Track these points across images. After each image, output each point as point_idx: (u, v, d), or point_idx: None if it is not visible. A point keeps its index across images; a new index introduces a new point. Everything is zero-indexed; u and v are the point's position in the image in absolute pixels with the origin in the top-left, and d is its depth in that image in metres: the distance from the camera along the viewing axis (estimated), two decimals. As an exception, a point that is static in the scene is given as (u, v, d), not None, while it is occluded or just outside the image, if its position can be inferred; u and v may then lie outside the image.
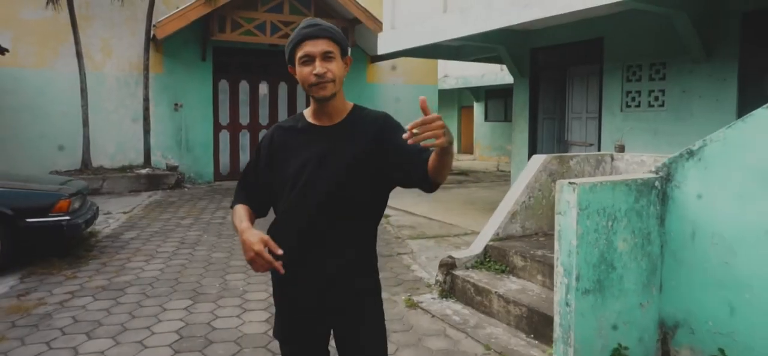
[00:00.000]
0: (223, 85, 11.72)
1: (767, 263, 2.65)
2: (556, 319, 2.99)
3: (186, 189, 10.24)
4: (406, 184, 1.70)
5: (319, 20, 1.73)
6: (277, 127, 1.86)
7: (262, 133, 11.95)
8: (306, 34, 1.68)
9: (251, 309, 4.08)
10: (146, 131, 10.32)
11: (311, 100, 1.75)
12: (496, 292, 3.92)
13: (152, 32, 10.16)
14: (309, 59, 1.66)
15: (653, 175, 3.12)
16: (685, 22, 5.80)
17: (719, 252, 2.87)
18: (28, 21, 10.04)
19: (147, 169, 10.18)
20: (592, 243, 2.90)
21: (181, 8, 10.12)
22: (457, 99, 21.21)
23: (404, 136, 1.42)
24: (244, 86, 11.92)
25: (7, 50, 8.96)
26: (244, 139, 12.00)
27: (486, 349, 3.44)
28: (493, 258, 4.46)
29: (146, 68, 10.23)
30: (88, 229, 5.94)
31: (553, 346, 3.06)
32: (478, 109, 19.42)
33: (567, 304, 2.91)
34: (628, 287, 3.04)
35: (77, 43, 9.54)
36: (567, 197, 2.89)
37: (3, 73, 9.90)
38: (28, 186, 5.47)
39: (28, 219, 5.01)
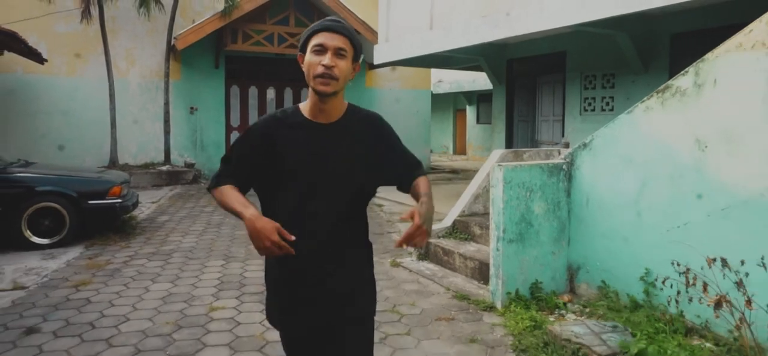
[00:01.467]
0: (235, 90, 13.07)
1: (630, 220, 3.97)
2: (491, 261, 4.32)
3: (202, 183, 11.57)
4: (392, 184, 1.91)
5: (342, 19, 1.79)
6: (271, 119, 1.82)
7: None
8: (326, 26, 1.71)
9: (271, 267, 5.41)
10: (167, 132, 11.65)
11: (310, 95, 1.76)
12: (458, 253, 5.23)
13: (172, 43, 11.49)
14: (321, 49, 1.69)
15: (562, 161, 4.45)
16: (627, 41, 7.13)
17: (602, 214, 4.19)
18: (61, 34, 11.40)
19: (167, 166, 11.51)
20: (515, 207, 4.22)
21: (198, 22, 11.48)
22: (452, 102, 22.53)
23: (394, 244, 1.65)
24: (253, 91, 13.27)
25: (46, 60, 10.30)
26: (253, 139, 13.34)
27: (446, 290, 4.75)
28: (459, 230, 5.77)
29: (167, 76, 11.58)
30: (129, 214, 7.26)
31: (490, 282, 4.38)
32: (470, 112, 20.75)
33: (497, 249, 4.23)
34: (543, 239, 4.36)
35: (107, 53, 10.88)
36: (497, 175, 4.22)
37: (38, 80, 11.25)
38: (88, 175, 6.81)
39: (90, 201, 6.35)
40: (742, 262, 3.08)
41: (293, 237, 1.63)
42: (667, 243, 3.66)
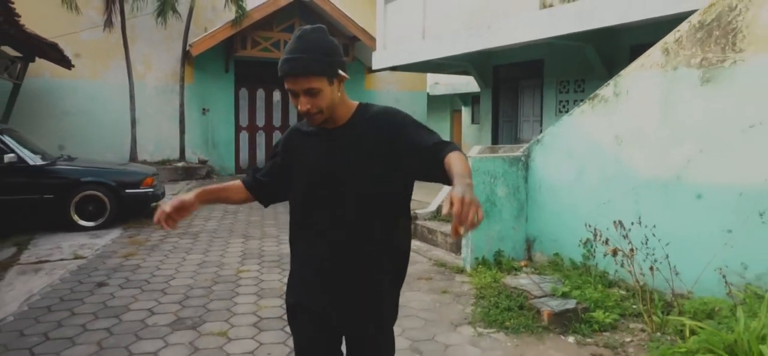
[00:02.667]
0: (243, 92, 14.21)
1: (571, 200, 5.08)
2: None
3: (214, 179, 12.71)
4: (427, 180, 1.71)
5: (303, 44, 1.64)
6: (294, 129, 1.88)
7: (275, 134, 14.48)
8: (287, 71, 1.63)
9: (285, 242, 6.53)
10: (182, 131, 12.79)
11: None
12: (439, 231, 6.35)
13: (188, 49, 12.63)
14: (294, 94, 1.65)
15: (520, 154, 5.57)
16: (593, 52, 8.24)
17: (552, 196, 5.31)
18: (86, 41, 12.54)
19: (182, 163, 12.65)
20: (481, 190, 5.34)
21: (211, 31, 12.62)
22: (449, 103, 23.65)
23: (451, 235, 1.38)
24: (260, 94, 14.41)
25: (73, 65, 11.44)
26: (260, 138, 14.48)
27: (428, 260, 5.87)
28: (441, 213, 6.89)
29: (182, 79, 12.72)
30: (158, 202, 8.39)
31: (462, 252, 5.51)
32: (465, 112, 21.87)
33: (467, 224, 5.34)
34: (505, 217, 5.48)
35: (127, 59, 12.02)
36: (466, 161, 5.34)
37: (65, 84, 12.39)
38: (125, 167, 7.96)
39: (127, 190, 7.49)
40: (645, 225, 4.20)
41: (170, 229, 1.85)
42: (596, 216, 4.77)
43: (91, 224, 7.25)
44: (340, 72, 1.68)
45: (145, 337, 3.82)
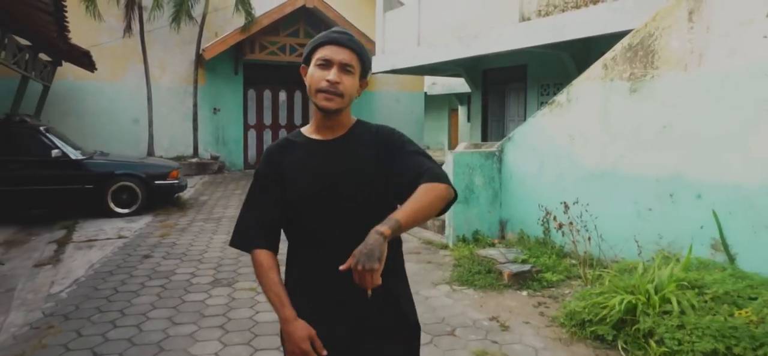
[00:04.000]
0: (251, 93, 15.35)
1: (534, 187, 6.22)
2: (446, 218, 6.59)
3: (225, 174, 13.86)
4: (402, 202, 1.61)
5: (350, 32, 1.69)
6: (274, 147, 1.78)
7: (281, 132, 15.63)
8: (333, 38, 1.64)
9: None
10: (195, 129, 13.94)
11: (314, 112, 1.71)
12: (429, 216, 7.49)
13: (201, 53, 13.77)
14: (326, 64, 1.62)
15: (495, 149, 6.71)
16: (569, 58, 9.37)
17: (520, 184, 6.44)
18: (105, 46, 13.68)
19: (196, 158, 13.80)
20: (461, 179, 6.48)
21: (222, 36, 13.77)
22: (448, 103, 24.80)
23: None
24: (267, 94, 15.56)
25: (96, 68, 12.59)
26: (267, 136, 15.62)
27: (418, 239, 7.01)
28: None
29: (195, 81, 13.87)
30: (179, 193, 9.54)
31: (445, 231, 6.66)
32: (462, 111, 23.01)
33: (451, 209, 6.50)
34: (482, 202, 6.62)
35: (145, 63, 13.17)
36: (449, 158, 6.49)
37: (87, 86, 13.54)
38: (154, 161, 9.10)
39: (155, 182, 8.64)
40: (587, 205, 5.35)
41: (324, 352, 1.60)
42: (553, 200, 5.91)
43: (125, 211, 8.40)
44: (366, 77, 1.73)
45: (192, 291, 4.97)
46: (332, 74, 1.61)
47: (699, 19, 4.62)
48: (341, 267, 1.44)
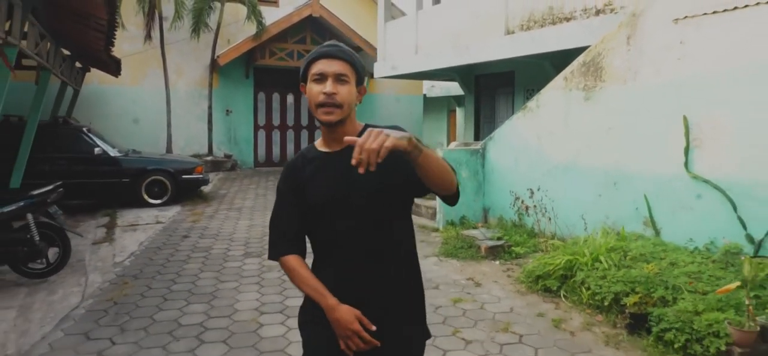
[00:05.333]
0: (261, 96, 16.65)
1: (511, 179, 7.49)
2: (437, 205, 7.86)
3: (238, 171, 15.15)
4: (421, 193, 1.76)
5: (340, 43, 1.78)
6: (291, 163, 1.90)
7: (289, 133, 16.94)
8: (324, 53, 1.72)
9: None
10: (210, 130, 15.24)
11: (321, 127, 1.79)
12: (424, 205, 8.77)
13: (215, 59, 15.07)
14: (321, 78, 1.70)
15: (478, 147, 7.99)
16: (550, 66, 10.63)
17: (500, 177, 7.72)
18: (127, 52, 14.99)
19: (210, 157, 15.09)
20: (450, 173, 7.75)
21: (235, 44, 15.08)
22: (447, 104, 26.06)
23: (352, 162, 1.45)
24: (276, 97, 16.86)
25: (120, 74, 13.89)
26: (276, 136, 16.92)
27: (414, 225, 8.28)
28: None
29: (210, 85, 15.18)
30: (202, 187, 10.81)
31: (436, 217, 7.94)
32: (459, 112, 24.26)
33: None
34: (468, 192, 7.90)
35: (165, 68, 14.46)
36: (439, 154, 7.76)
37: (111, 89, 14.84)
38: (181, 158, 10.40)
39: (182, 176, 9.93)
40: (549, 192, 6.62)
41: (374, 327, 1.70)
42: (525, 189, 7.17)
43: (157, 202, 9.69)
44: (363, 84, 1.79)
45: (229, 260, 6.26)
46: (328, 86, 1.69)
47: (634, 42, 5.89)
48: (346, 139, 1.52)
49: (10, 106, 8.40)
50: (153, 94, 15.21)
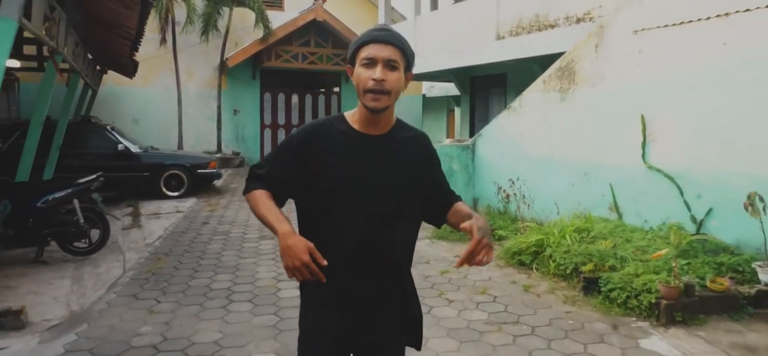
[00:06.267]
0: (267, 96, 17.59)
1: (497, 171, 8.41)
2: (431, 194, 8.80)
3: (245, 167, 16.08)
4: (427, 218, 1.95)
5: (391, 27, 1.78)
6: (315, 126, 1.83)
7: (293, 131, 17.78)
8: (375, 37, 1.71)
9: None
10: (219, 128, 16.18)
11: (360, 106, 1.77)
12: (419, 197, 9.68)
13: (225, 61, 16.00)
14: (371, 62, 1.69)
15: (469, 143, 8.91)
16: (538, 68, 11.52)
17: (488, 169, 8.65)
18: (140, 55, 15.89)
19: (219, 154, 16.02)
20: (443, 166, 8.65)
21: (242, 47, 16.02)
22: (446, 104, 26.99)
23: (455, 264, 1.72)
24: (281, 97, 17.80)
25: (134, 75, 14.83)
26: (281, 134, 17.85)
27: (411, 214, 9.21)
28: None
29: (219, 86, 16.12)
30: (215, 181, 11.75)
31: (431, 206, 8.87)
32: (458, 112, 25.21)
33: (434, 188, 8.71)
34: (459, 183, 8.82)
35: (177, 70, 15.41)
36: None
37: (124, 90, 15.79)
38: (196, 154, 11.34)
39: (198, 171, 10.86)
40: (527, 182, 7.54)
41: (325, 262, 1.63)
42: (507, 180, 8.08)
43: (175, 194, 10.63)
44: (411, 69, 1.78)
45: (247, 241, 7.19)
46: (378, 72, 1.68)
47: (601, 50, 6.81)
48: (464, 226, 1.67)
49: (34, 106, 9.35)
50: (164, 95, 16.15)
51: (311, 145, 1.79)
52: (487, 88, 13.78)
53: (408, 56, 1.75)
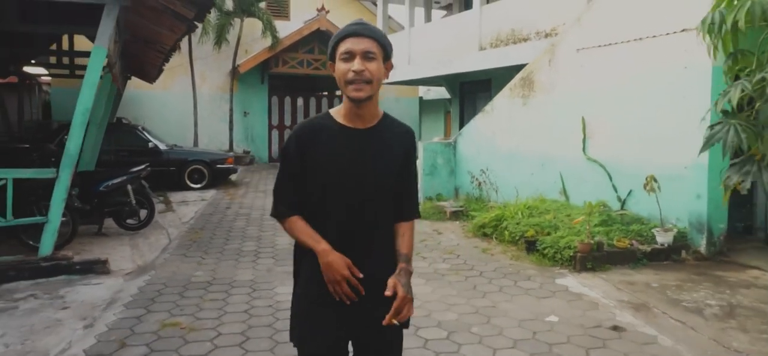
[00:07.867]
0: (274, 99, 19.35)
1: (474, 165, 10.12)
2: (419, 185, 10.52)
3: (255, 164, 17.83)
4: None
5: (366, 21, 1.89)
6: (304, 127, 1.97)
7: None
8: (352, 31, 1.83)
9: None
10: (230, 129, 17.94)
11: (345, 101, 1.91)
12: (410, 187, 11.40)
13: (236, 67, 17.76)
14: (349, 56, 1.81)
15: (451, 141, 10.63)
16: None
17: (467, 164, 10.37)
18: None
19: (231, 153, 17.76)
20: (428, 160, 10.41)
21: (252, 54, 17.80)
22: (443, 107, 28.72)
23: (384, 321, 1.82)
24: (287, 100, 19.55)
25: (155, 81, 16.57)
26: (287, 134, 19.55)
27: (402, 201, 10.93)
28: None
29: (231, 90, 17.89)
30: (232, 175, 13.47)
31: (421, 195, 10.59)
32: (453, 113, 26.95)
33: (422, 179, 10.43)
34: (443, 175, 10.54)
35: (192, 75, 17.17)
36: (419, 146, 10.42)
37: (144, 94, 17.54)
38: (215, 150, 13.10)
39: (216, 166, 12.61)
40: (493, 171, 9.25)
41: (362, 274, 1.84)
42: (480, 172, 9.78)
43: (197, 186, 12.37)
44: (390, 60, 1.92)
45: (266, 220, 8.91)
46: (356, 64, 1.81)
47: (554, 64, 8.52)
48: (388, 292, 1.84)
49: (68, 110, 11.11)
50: (180, 98, 17.92)
51: (304, 148, 1.95)
52: (475, 92, 15.50)
53: (385, 47, 1.89)
